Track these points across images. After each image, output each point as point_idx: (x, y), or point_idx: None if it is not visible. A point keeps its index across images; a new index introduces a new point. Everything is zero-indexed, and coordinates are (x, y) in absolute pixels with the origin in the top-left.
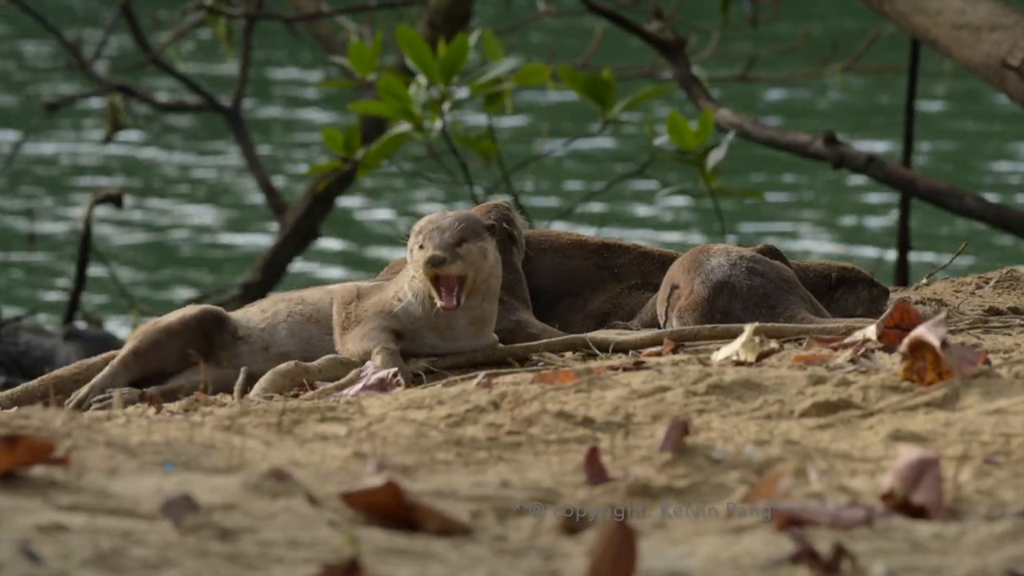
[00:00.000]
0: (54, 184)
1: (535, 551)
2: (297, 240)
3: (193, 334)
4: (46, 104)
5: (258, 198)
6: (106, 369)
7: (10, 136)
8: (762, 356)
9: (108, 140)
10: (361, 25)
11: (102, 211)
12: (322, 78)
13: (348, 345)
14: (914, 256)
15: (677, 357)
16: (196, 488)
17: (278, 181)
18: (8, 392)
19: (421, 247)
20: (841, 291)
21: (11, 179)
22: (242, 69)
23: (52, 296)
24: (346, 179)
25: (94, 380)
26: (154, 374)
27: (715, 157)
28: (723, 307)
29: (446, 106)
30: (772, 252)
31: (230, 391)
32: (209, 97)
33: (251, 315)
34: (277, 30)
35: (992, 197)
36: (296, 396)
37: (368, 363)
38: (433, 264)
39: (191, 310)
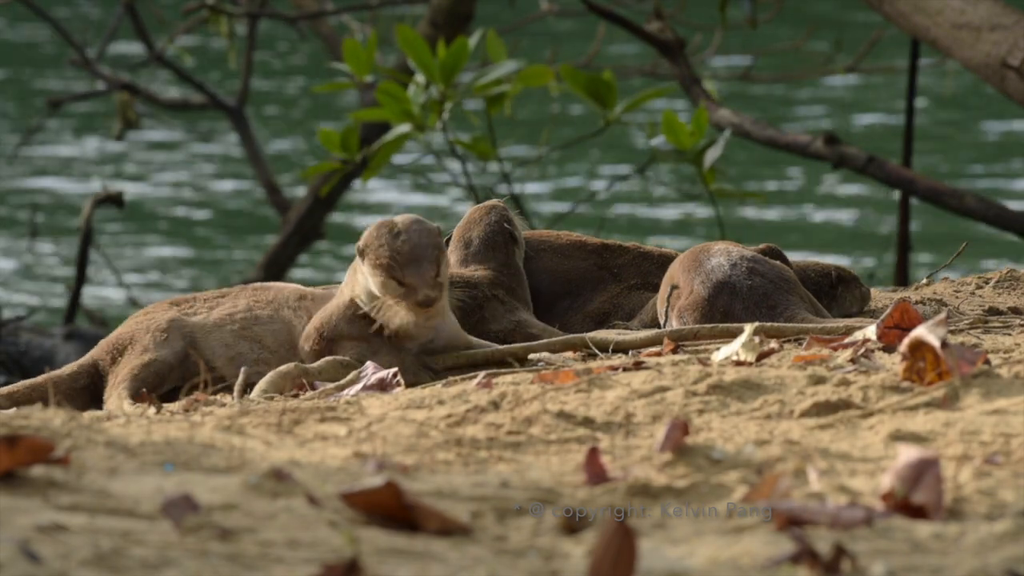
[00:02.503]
0: (57, 181)
1: (535, 551)
2: (299, 239)
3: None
4: (49, 101)
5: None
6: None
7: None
8: (762, 356)
9: (120, 138)
10: (364, 24)
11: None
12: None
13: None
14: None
15: (677, 357)
16: (196, 488)
17: (282, 179)
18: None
19: (401, 284)
20: (841, 289)
21: (14, 176)
22: (245, 68)
23: (53, 296)
24: (348, 179)
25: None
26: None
27: (712, 155)
28: (723, 307)
29: (446, 107)
30: (774, 252)
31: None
32: (213, 96)
33: (215, 347)
34: (283, 30)
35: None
36: (296, 396)
37: (368, 363)
38: (426, 306)
39: (161, 354)
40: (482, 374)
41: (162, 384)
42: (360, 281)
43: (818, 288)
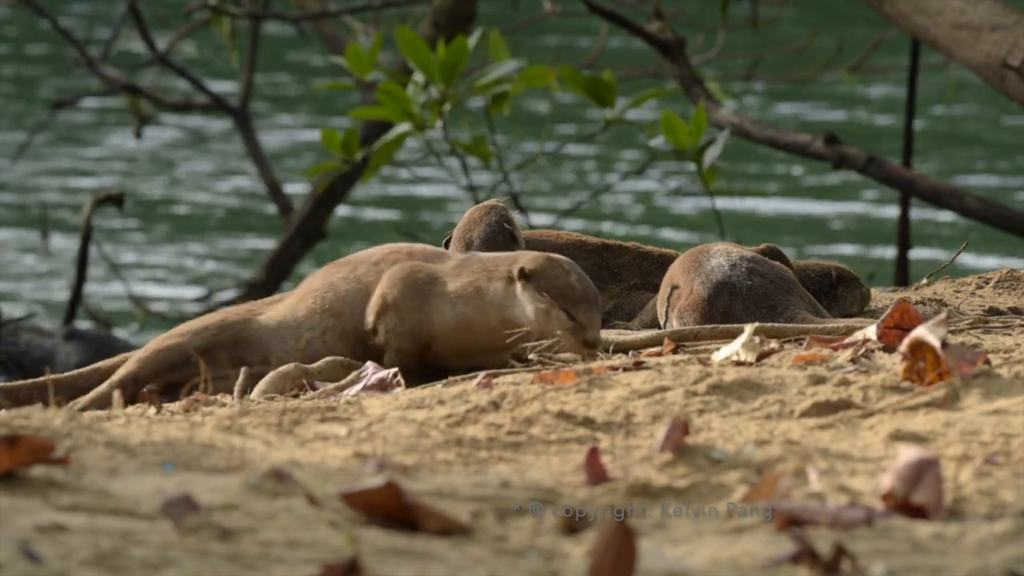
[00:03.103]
0: (58, 182)
1: (535, 551)
2: (302, 240)
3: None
4: (53, 101)
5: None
6: (119, 371)
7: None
8: (762, 356)
9: (139, 135)
10: (367, 24)
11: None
12: (325, 77)
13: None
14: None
15: (677, 357)
16: (196, 488)
17: (284, 180)
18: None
19: (572, 318)
20: (841, 289)
21: (17, 176)
22: (248, 69)
23: (53, 296)
24: (350, 180)
25: (112, 379)
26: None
27: (711, 155)
28: (723, 307)
29: (446, 107)
30: (773, 252)
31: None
32: (216, 97)
33: (285, 331)
34: (285, 30)
35: None
36: (296, 396)
37: (368, 363)
38: (591, 347)
39: (197, 337)
40: (482, 374)
41: (169, 373)
42: (495, 302)
43: (818, 288)
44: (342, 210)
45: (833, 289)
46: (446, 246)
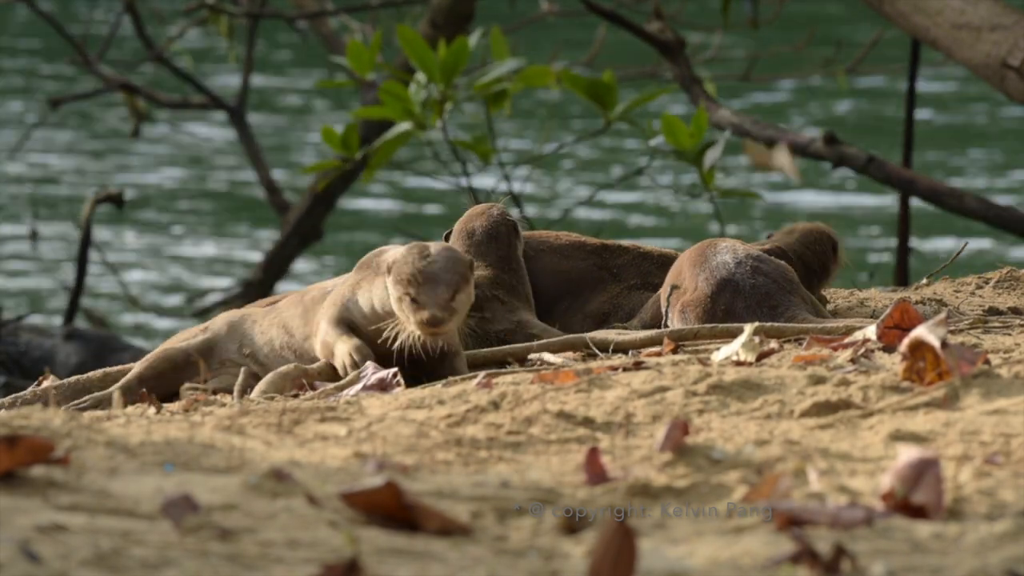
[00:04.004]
0: (56, 182)
1: (535, 551)
2: (299, 239)
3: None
4: (50, 100)
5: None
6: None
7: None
8: (762, 356)
9: (136, 133)
10: (364, 24)
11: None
12: (324, 76)
13: (316, 346)
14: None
15: (677, 357)
16: (196, 488)
17: (283, 176)
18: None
19: (414, 301)
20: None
21: (14, 177)
22: (246, 68)
23: (52, 295)
24: (348, 178)
25: (101, 394)
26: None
27: (712, 156)
28: (725, 305)
29: (447, 106)
30: (779, 252)
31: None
32: (213, 96)
33: (256, 330)
34: (282, 28)
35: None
36: (296, 396)
37: (368, 363)
38: (432, 325)
39: (196, 340)
40: (482, 374)
41: (175, 373)
42: (378, 294)
43: (824, 260)
44: (341, 206)
45: (834, 253)
46: (447, 240)
